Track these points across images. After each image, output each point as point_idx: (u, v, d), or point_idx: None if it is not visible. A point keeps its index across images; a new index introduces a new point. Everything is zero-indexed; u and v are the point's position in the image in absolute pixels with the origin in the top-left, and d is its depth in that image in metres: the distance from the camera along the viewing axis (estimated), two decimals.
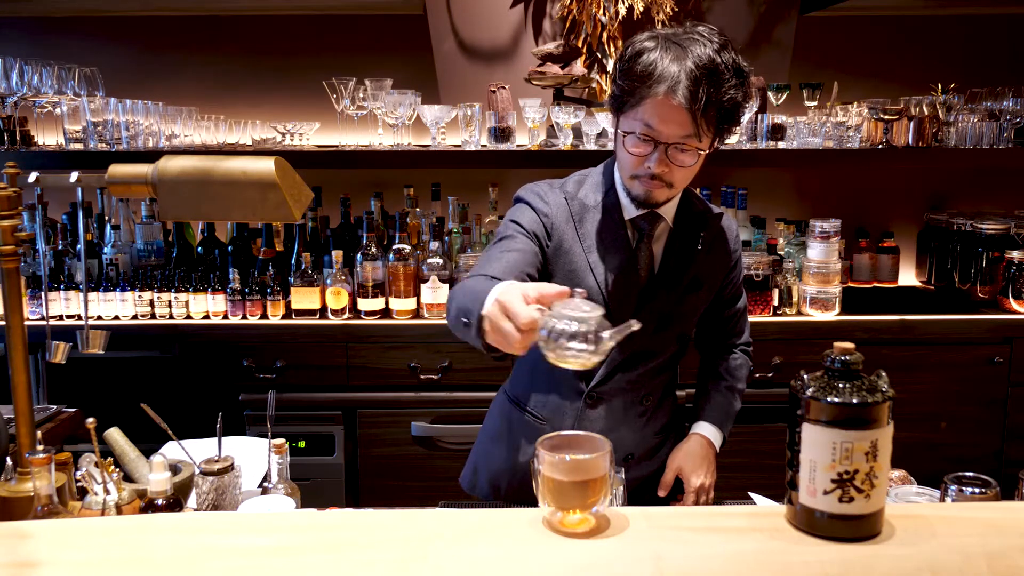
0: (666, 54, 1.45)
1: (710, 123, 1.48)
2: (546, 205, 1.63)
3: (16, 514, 1.28)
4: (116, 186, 1.29)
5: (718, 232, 1.71)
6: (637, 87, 1.47)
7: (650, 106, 1.46)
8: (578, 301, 1.10)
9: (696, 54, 1.45)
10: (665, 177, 1.52)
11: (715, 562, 0.99)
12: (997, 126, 2.87)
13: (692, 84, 1.43)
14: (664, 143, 1.48)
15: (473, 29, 2.97)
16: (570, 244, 1.62)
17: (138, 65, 3.25)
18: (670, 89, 1.43)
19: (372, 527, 1.10)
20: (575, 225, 1.63)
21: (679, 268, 1.65)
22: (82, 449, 1.42)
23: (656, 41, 1.49)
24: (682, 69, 1.43)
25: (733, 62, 1.49)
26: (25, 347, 1.31)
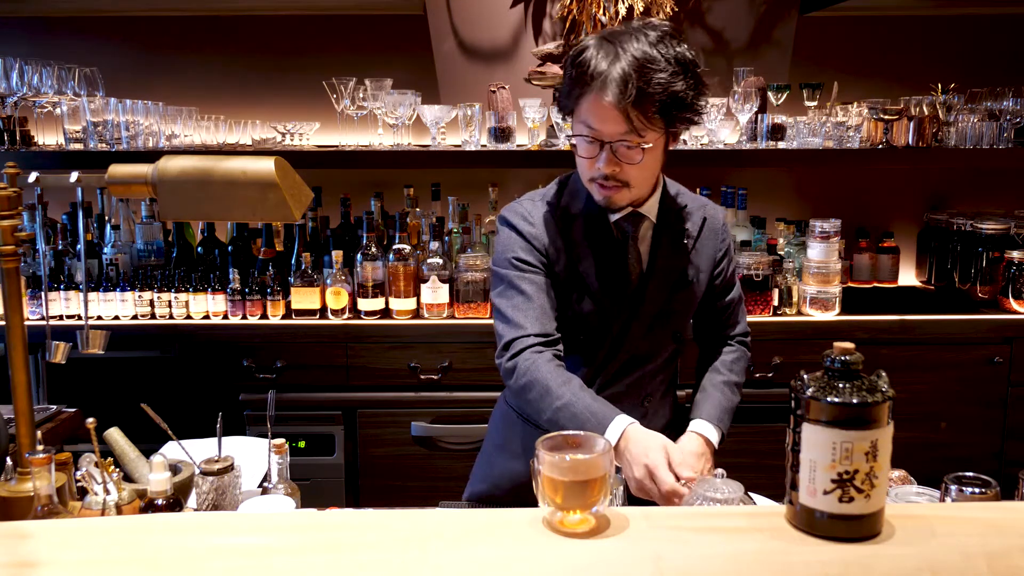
0: (600, 52, 1.46)
1: (649, 117, 1.46)
2: (532, 227, 1.62)
3: (16, 514, 1.28)
4: (116, 186, 1.29)
5: (704, 224, 1.70)
6: (574, 88, 1.49)
7: (586, 106, 1.48)
8: (719, 482, 1.34)
9: (629, 50, 1.44)
10: (619, 177, 1.51)
11: (715, 562, 0.99)
12: (997, 126, 2.87)
13: (620, 80, 1.42)
14: (608, 142, 1.48)
15: (473, 29, 2.97)
16: (559, 255, 1.62)
17: (138, 65, 3.25)
18: (600, 87, 1.44)
19: (372, 527, 1.10)
20: (562, 236, 1.62)
21: (667, 266, 1.65)
22: (82, 449, 1.42)
23: (595, 41, 1.49)
24: (612, 66, 1.43)
25: (673, 53, 1.47)
26: (25, 347, 1.31)
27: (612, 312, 1.62)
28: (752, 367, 2.70)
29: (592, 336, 1.64)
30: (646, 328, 1.64)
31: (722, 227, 1.74)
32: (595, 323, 1.63)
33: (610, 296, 1.61)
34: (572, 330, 1.65)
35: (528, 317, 1.57)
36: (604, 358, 1.65)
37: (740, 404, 1.82)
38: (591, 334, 1.64)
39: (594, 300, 1.61)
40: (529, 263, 1.61)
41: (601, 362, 1.65)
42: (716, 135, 2.79)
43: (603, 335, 1.64)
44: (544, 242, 1.61)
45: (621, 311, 1.62)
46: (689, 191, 1.74)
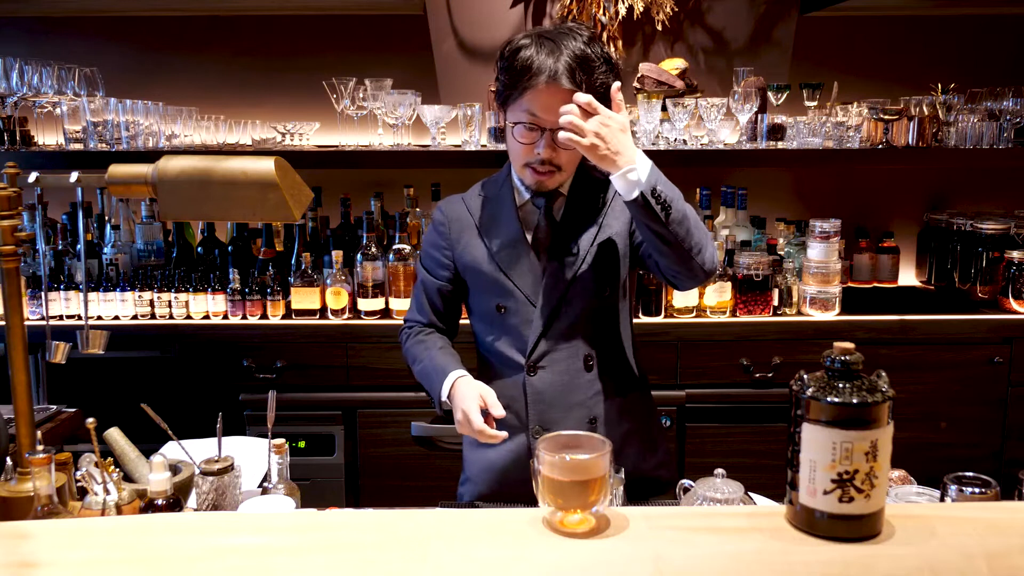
0: (541, 48, 1.59)
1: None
2: (443, 215, 1.83)
3: (16, 514, 1.28)
4: (116, 186, 1.29)
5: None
6: (519, 80, 1.60)
7: (532, 96, 1.59)
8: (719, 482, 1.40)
9: (569, 47, 1.59)
10: (554, 161, 1.64)
11: (715, 562, 0.99)
12: (997, 126, 2.87)
13: (569, 71, 1.57)
14: (549, 128, 1.60)
15: (473, 29, 2.97)
16: (469, 238, 1.79)
17: (138, 65, 3.25)
18: (551, 77, 1.57)
19: (372, 527, 1.10)
20: (472, 217, 1.80)
21: (578, 228, 1.73)
22: (82, 449, 1.42)
23: (531, 39, 1.62)
24: (559, 60, 1.57)
25: (602, 52, 1.63)
26: (25, 347, 1.31)
27: (525, 278, 1.72)
28: (752, 367, 2.70)
29: (513, 302, 1.74)
30: (565, 291, 1.71)
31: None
32: (513, 289, 1.73)
33: (517, 267, 1.73)
34: (495, 298, 1.75)
35: (415, 308, 1.88)
36: (533, 325, 1.72)
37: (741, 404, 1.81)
38: (512, 301, 1.74)
39: (506, 270, 1.73)
40: (432, 258, 1.83)
41: (533, 328, 1.72)
42: (716, 135, 2.79)
43: (523, 301, 1.73)
44: (450, 226, 1.81)
45: (535, 276, 1.72)
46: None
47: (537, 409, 1.73)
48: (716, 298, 2.73)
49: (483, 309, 1.79)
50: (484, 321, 1.80)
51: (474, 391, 1.62)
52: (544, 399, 1.72)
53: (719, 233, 2.90)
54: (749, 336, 2.72)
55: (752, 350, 2.70)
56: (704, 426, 2.72)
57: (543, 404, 1.72)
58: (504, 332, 1.75)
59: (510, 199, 1.76)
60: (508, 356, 1.75)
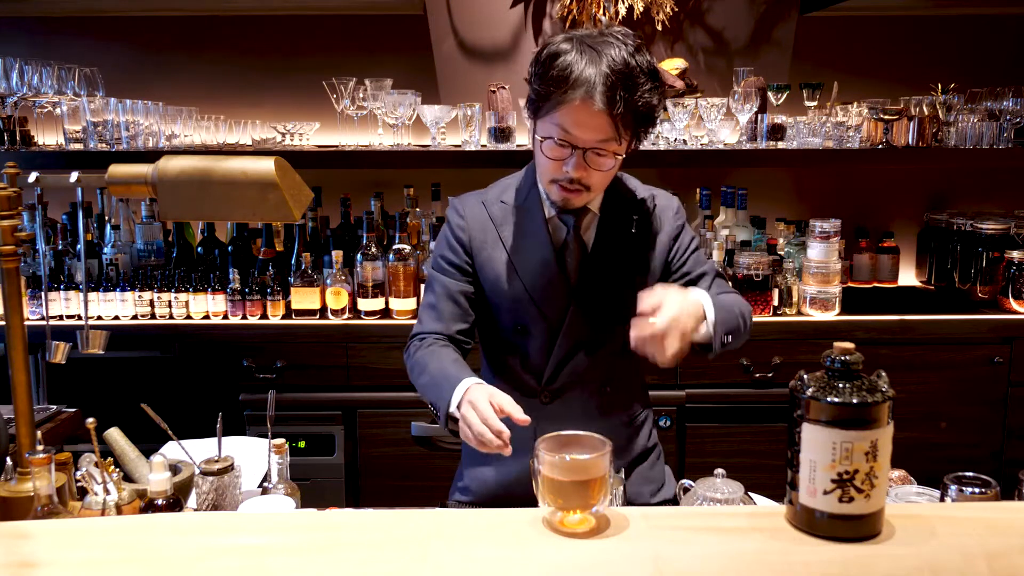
0: (581, 57, 1.45)
1: (627, 126, 1.48)
2: (462, 219, 1.68)
3: (16, 514, 1.28)
4: (116, 186, 1.29)
5: (653, 210, 1.69)
6: (553, 91, 1.46)
7: (567, 111, 1.46)
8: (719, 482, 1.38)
9: (611, 57, 1.45)
10: (583, 181, 1.52)
11: (715, 562, 0.99)
12: (997, 126, 2.87)
13: (608, 88, 1.43)
14: (582, 148, 1.48)
15: (473, 29, 2.97)
16: (492, 250, 1.65)
17: (138, 65, 3.25)
18: (587, 94, 1.43)
19: (372, 527, 1.10)
20: (495, 227, 1.66)
21: (612, 256, 1.64)
22: (82, 449, 1.42)
23: (571, 43, 1.48)
24: (598, 72, 1.43)
25: (647, 64, 1.49)
26: (25, 347, 1.31)
27: (552, 302, 1.63)
28: (752, 367, 2.70)
29: (536, 325, 1.65)
30: (592, 316, 1.63)
31: (675, 213, 1.72)
32: (536, 313, 1.64)
33: (547, 290, 1.63)
34: (515, 319, 1.66)
35: (430, 316, 1.69)
36: (552, 346, 1.64)
37: (741, 404, 1.81)
38: (534, 323, 1.65)
39: (531, 291, 1.63)
40: (449, 261, 1.68)
41: (550, 350, 1.65)
42: (716, 135, 2.79)
43: (546, 324, 1.64)
44: (470, 232, 1.67)
45: (561, 300, 1.63)
46: (638, 181, 1.74)
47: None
48: None
49: (499, 326, 1.69)
50: (498, 338, 1.70)
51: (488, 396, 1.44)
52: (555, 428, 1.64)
53: (719, 233, 2.90)
54: (749, 336, 2.71)
55: (752, 350, 2.70)
56: (704, 426, 2.72)
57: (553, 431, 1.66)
58: (520, 353, 1.67)
59: (539, 212, 1.64)
60: (521, 379, 1.67)
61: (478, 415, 1.41)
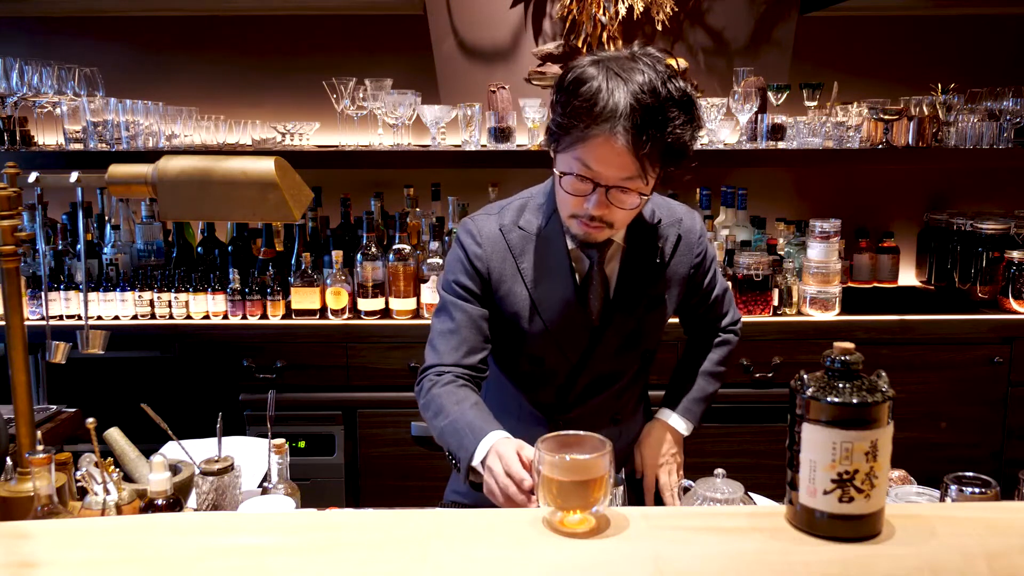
0: (607, 86, 1.33)
1: (655, 163, 1.37)
2: (479, 247, 1.55)
3: (16, 514, 1.28)
4: (116, 186, 1.29)
5: (679, 242, 1.63)
6: (576, 124, 1.34)
7: (590, 147, 1.35)
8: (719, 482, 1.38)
9: (639, 86, 1.32)
10: (605, 218, 1.43)
11: (715, 562, 0.99)
12: (997, 126, 2.87)
13: (635, 125, 1.31)
14: (604, 185, 1.38)
15: (473, 29, 2.97)
16: (511, 283, 1.55)
17: (138, 65, 3.25)
18: (612, 130, 1.32)
19: (372, 527, 1.10)
20: (514, 259, 1.55)
21: (638, 288, 1.58)
22: (82, 449, 1.42)
23: (599, 68, 1.35)
24: (625, 106, 1.31)
25: (680, 93, 1.35)
26: (25, 347, 1.31)
27: (573, 339, 1.56)
28: (752, 367, 2.70)
29: (553, 359, 1.59)
30: (612, 352, 1.59)
31: (698, 238, 1.65)
32: (555, 349, 1.57)
33: (568, 327, 1.56)
34: (532, 352, 1.60)
35: (448, 346, 1.54)
36: (568, 381, 1.60)
37: (741, 404, 1.82)
38: (552, 357, 1.59)
39: (552, 328, 1.55)
40: (467, 288, 1.56)
41: (566, 384, 1.61)
42: (716, 135, 2.79)
43: (564, 359, 1.59)
44: (489, 263, 1.55)
45: (582, 337, 1.57)
46: (664, 200, 1.66)
47: None
48: None
49: (514, 357, 1.62)
50: (510, 367, 1.64)
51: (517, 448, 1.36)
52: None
53: (719, 233, 2.90)
54: (749, 336, 2.71)
55: (752, 350, 2.70)
56: (704, 426, 2.67)
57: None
58: (532, 384, 1.63)
59: (561, 244, 1.53)
60: (530, 408, 1.64)
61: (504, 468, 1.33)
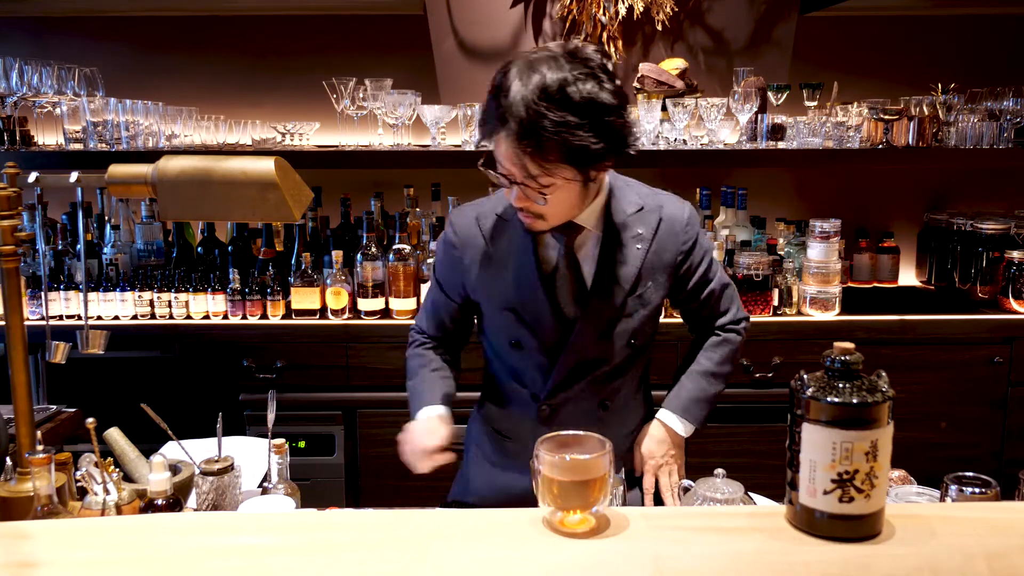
0: (512, 84, 1.36)
1: (551, 165, 1.37)
2: (455, 235, 1.65)
3: (16, 514, 1.28)
4: (116, 186, 1.29)
5: (659, 225, 1.60)
6: (485, 121, 1.41)
7: (495, 144, 1.41)
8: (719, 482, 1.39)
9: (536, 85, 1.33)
10: (532, 211, 1.46)
11: (715, 562, 0.99)
12: (997, 126, 2.87)
13: (520, 128, 1.33)
14: (516, 182, 1.42)
15: (473, 29, 2.97)
16: (483, 268, 1.62)
17: (138, 65, 3.25)
18: (504, 130, 1.36)
19: (372, 527, 1.10)
20: (487, 244, 1.61)
21: (615, 276, 1.57)
22: (82, 449, 1.42)
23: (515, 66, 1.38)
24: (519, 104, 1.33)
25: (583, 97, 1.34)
26: (25, 347, 1.31)
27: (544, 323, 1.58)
28: (752, 367, 2.70)
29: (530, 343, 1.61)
30: (593, 338, 1.59)
31: (685, 225, 1.63)
32: (528, 332, 1.60)
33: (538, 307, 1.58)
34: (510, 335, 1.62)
35: (424, 316, 1.78)
36: (550, 363, 1.61)
37: (741, 404, 1.82)
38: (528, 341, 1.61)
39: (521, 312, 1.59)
40: (445, 278, 1.70)
41: (548, 367, 1.62)
42: (716, 135, 2.79)
43: (539, 344, 1.60)
44: (463, 250, 1.64)
45: (552, 322, 1.58)
46: (651, 190, 1.65)
47: None
48: None
49: (496, 341, 1.67)
50: (497, 351, 1.68)
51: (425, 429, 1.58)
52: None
53: (719, 233, 2.90)
54: (749, 336, 2.69)
55: (752, 350, 2.70)
56: (704, 426, 2.71)
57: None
58: (517, 369, 1.65)
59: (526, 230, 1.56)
60: (520, 392, 1.66)
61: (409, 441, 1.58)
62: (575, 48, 1.40)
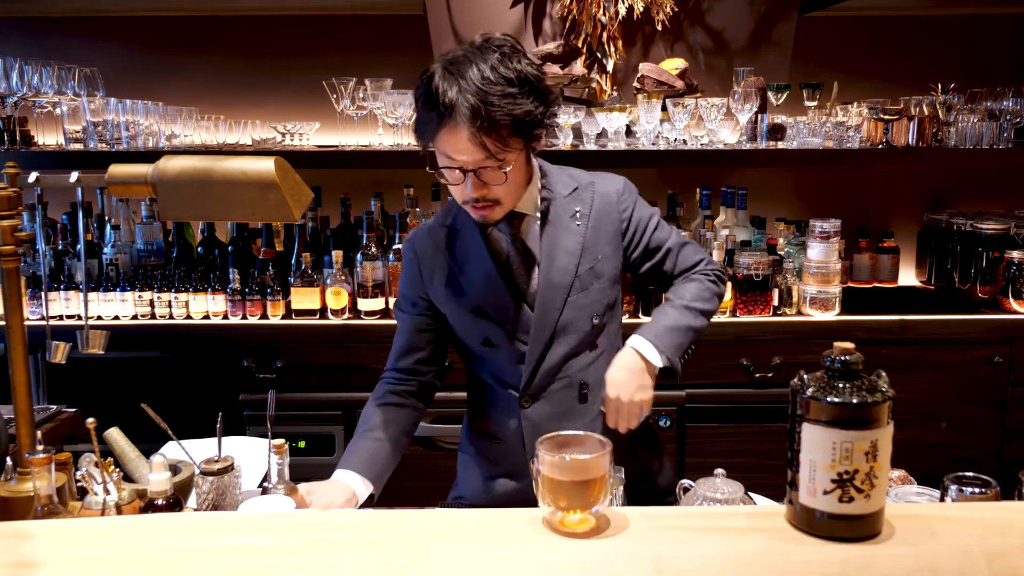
0: (444, 81, 1.45)
1: (504, 140, 1.47)
2: (413, 253, 1.71)
3: (16, 514, 1.28)
4: (116, 186, 1.29)
5: (594, 200, 1.66)
6: (426, 120, 1.49)
7: (442, 138, 1.48)
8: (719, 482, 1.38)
9: (471, 77, 1.44)
10: (488, 197, 1.53)
11: (715, 562, 0.99)
12: (997, 126, 2.87)
13: (469, 111, 1.42)
14: (470, 169, 1.49)
15: (473, 29, 2.97)
16: (440, 276, 1.68)
17: (138, 65, 3.25)
18: (453, 123, 1.44)
19: (372, 527, 1.10)
20: (443, 254, 1.68)
21: (562, 255, 1.63)
22: (82, 449, 1.42)
23: (440, 67, 1.49)
24: (458, 95, 1.43)
25: (516, 72, 1.47)
26: (25, 347, 1.31)
27: (507, 312, 1.63)
28: (752, 367, 2.70)
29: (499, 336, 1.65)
30: (556, 316, 1.62)
31: (619, 196, 1.68)
32: (494, 325, 1.64)
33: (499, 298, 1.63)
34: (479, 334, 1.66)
35: (393, 353, 1.78)
36: (521, 354, 1.64)
37: (741, 404, 1.81)
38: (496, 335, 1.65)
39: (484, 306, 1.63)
40: (407, 298, 1.73)
41: (519, 357, 1.64)
42: (716, 135, 2.79)
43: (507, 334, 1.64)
44: (421, 264, 1.70)
45: (515, 309, 1.63)
46: (579, 170, 1.72)
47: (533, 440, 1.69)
48: None
49: (468, 344, 1.71)
50: (469, 354, 1.72)
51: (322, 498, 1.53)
52: (540, 431, 1.65)
53: (719, 233, 2.90)
54: (749, 336, 2.72)
55: (752, 350, 2.70)
56: (704, 426, 2.72)
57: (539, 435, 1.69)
58: (493, 365, 1.68)
59: (476, 229, 1.64)
60: (500, 388, 1.69)
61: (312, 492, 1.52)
62: (486, 37, 1.52)
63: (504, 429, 1.69)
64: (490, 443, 1.74)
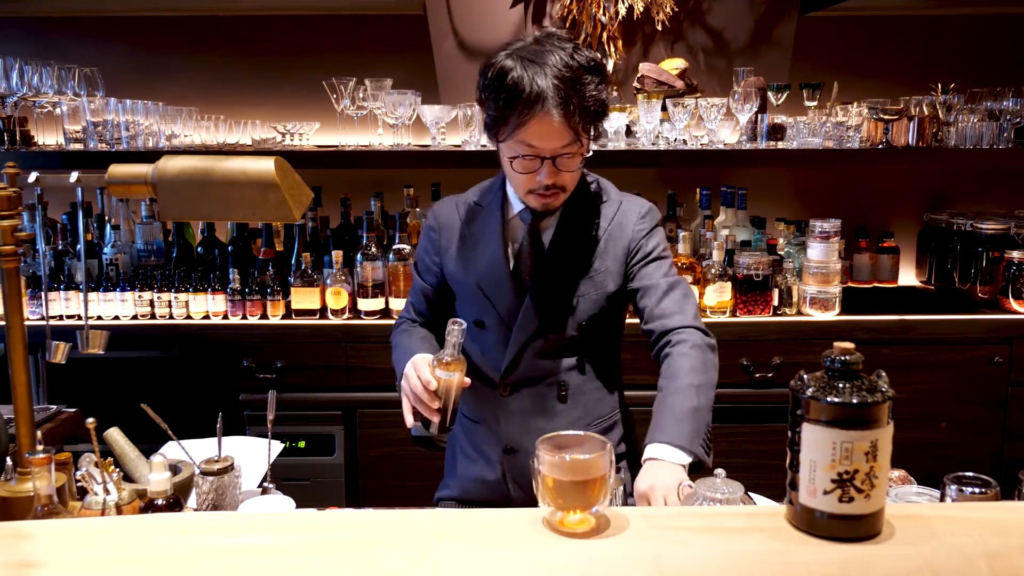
0: (527, 72, 1.50)
1: (586, 125, 1.56)
2: (435, 220, 1.80)
3: (16, 514, 1.28)
4: (116, 186, 1.29)
5: (616, 214, 1.71)
6: (510, 114, 1.52)
7: (530, 129, 1.52)
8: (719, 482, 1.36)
9: (554, 65, 1.50)
10: (558, 183, 1.59)
11: (715, 562, 0.99)
12: (997, 126, 2.87)
13: (561, 98, 1.49)
14: (550, 156, 1.55)
15: (473, 29, 2.97)
16: (453, 247, 1.76)
17: (138, 65, 3.25)
18: (544, 110, 1.49)
19: (372, 527, 1.10)
20: (461, 227, 1.76)
21: (568, 256, 1.67)
22: (82, 449, 1.42)
23: (514, 59, 1.53)
24: (548, 85, 1.49)
25: (589, 61, 1.55)
26: (25, 347, 1.31)
27: (503, 297, 1.68)
28: (752, 367, 2.70)
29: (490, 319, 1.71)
30: (544, 310, 1.66)
31: (640, 218, 1.70)
32: (489, 307, 1.70)
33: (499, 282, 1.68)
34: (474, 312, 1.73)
35: (407, 306, 1.90)
36: (507, 341, 1.69)
37: (741, 404, 1.80)
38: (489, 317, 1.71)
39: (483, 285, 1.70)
40: (423, 262, 1.82)
41: (505, 344, 1.69)
42: (716, 135, 2.79)
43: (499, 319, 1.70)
44: (440, 233, 1.78)
45: (512, 296, 1.67)
46: (613, 186, 1.77)
47: (508, 429, 1.72)
48: (716, 298, 2.73)
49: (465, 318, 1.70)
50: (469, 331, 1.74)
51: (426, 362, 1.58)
52: (515, 422, 1.71)
53: (719, 233, 2.90)
54: (749, 336, 2.72)
55: (752, 350, 2.70)
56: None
57: (514, 426, 1.71)
58: (481, 346, 1.73)
59: (498, 211, 1.71)
60: (483, 371, 1.73)
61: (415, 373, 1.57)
62: (548, 31, 1.59)
63: (484, 412, 1.75)
64: (473, 427, 1.79)
